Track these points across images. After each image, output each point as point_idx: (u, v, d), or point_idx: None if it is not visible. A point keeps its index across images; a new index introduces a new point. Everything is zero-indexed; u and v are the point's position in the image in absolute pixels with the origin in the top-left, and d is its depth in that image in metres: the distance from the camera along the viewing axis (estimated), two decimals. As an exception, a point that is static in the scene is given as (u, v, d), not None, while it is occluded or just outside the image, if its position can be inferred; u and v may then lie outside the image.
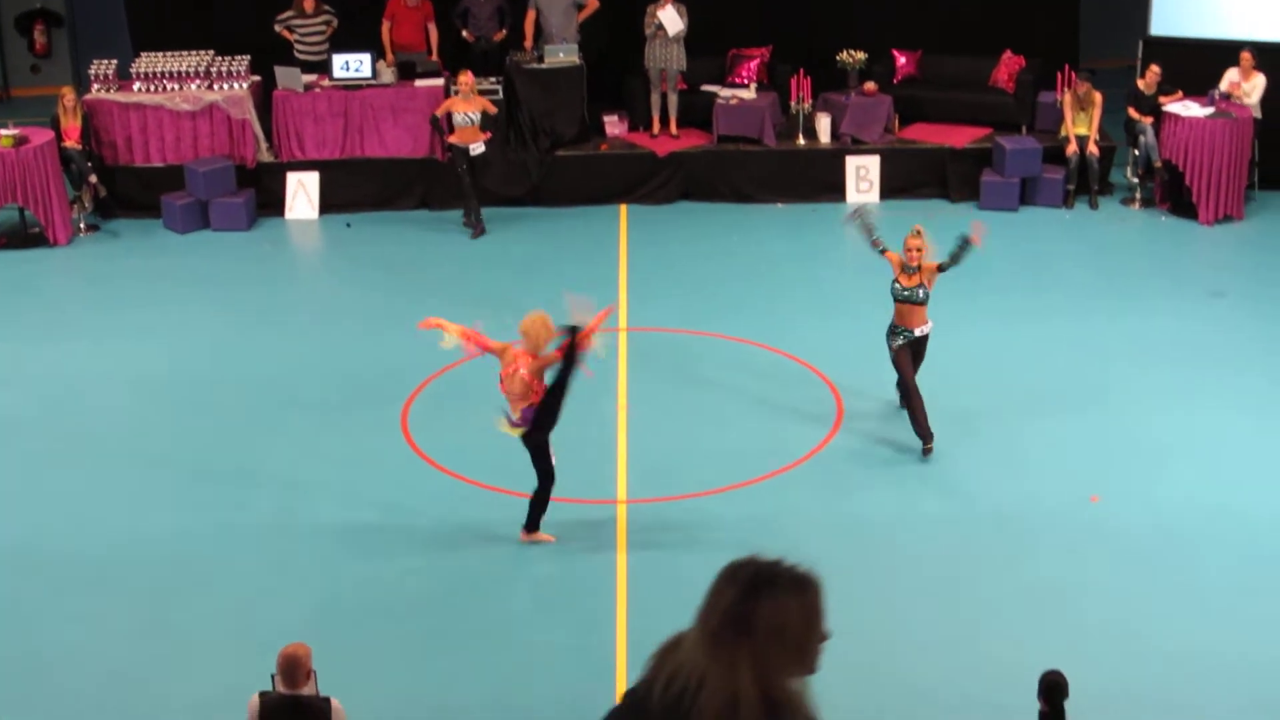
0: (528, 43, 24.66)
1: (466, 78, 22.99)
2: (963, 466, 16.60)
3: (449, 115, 23.09)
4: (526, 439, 14.77)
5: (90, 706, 13.30)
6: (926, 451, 16.52)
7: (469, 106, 22.92)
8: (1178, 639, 13.80)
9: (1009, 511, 15.54)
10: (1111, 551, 15.02)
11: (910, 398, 16.51)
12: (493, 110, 23.21)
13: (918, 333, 16.46)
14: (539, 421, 14.67)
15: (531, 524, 15.24)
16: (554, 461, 14.92)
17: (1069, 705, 11.00)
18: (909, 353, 16.45)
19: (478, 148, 22.97)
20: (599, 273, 21.84)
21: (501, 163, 23.91)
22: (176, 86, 24.12)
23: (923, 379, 16.61)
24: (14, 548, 15.57)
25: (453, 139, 23.01)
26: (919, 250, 16.18)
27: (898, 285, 16.35)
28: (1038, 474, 16.10)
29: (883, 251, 16.56)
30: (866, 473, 16.64)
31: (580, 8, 24.64)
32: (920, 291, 16.25)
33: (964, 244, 16.20)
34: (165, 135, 24.09)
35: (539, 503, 15.14)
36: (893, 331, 16.52)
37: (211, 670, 13.58)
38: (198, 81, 24.18)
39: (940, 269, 16.25)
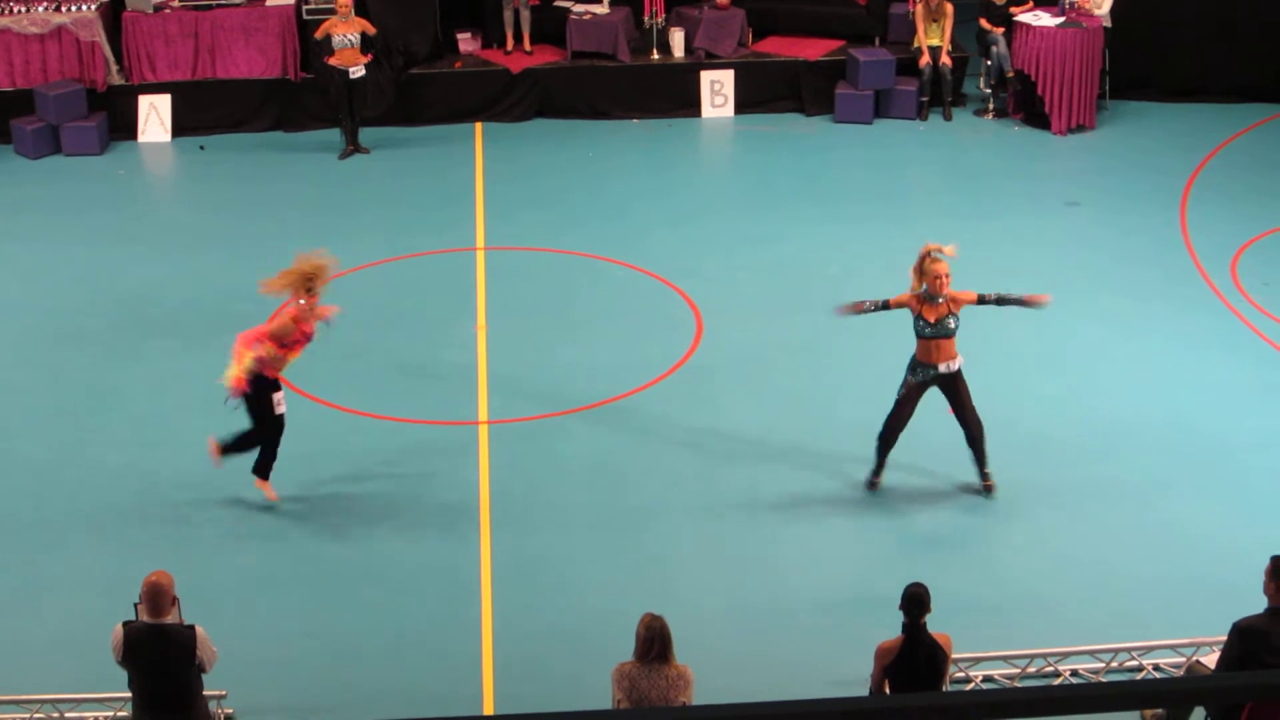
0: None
1: None
2: (823, 381, 16.77)
3: (328, 37, 22.65)
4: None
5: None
6: (872, 486, 15.02)
7: (348, 28, 22.52)
8: (1018, 548, 14.11)
9: (863, 420, 15.59)
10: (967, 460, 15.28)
11: (886, 439, 14.81)
12: (372, 31, 22.81)
13: (943, 369, 14.33)
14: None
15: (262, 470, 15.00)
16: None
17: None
18: (920, 395, 14.60)
19: (358, 71, 22.64)
20: (456, 191, 21.78)
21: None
22: (23, 9, 23.69)
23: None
24: None
25: (332, 61, 22.56)
26: (948, 276, 14.04)
27: (922, 322, 14.16)
28: (893, 385, 16.19)
29: (887, 304, 14.39)
30: (727, 388, 16.74)
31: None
32: (951, 322, 14.12)
33: (1024, 301, 14.43)
34: (13, 59, 23.67)
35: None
36: (913, 368, 14.46)
37: (72, 602, 13.53)
38: (45, 4, 23.78)
39: (981, 301, 14.31)
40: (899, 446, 14.85)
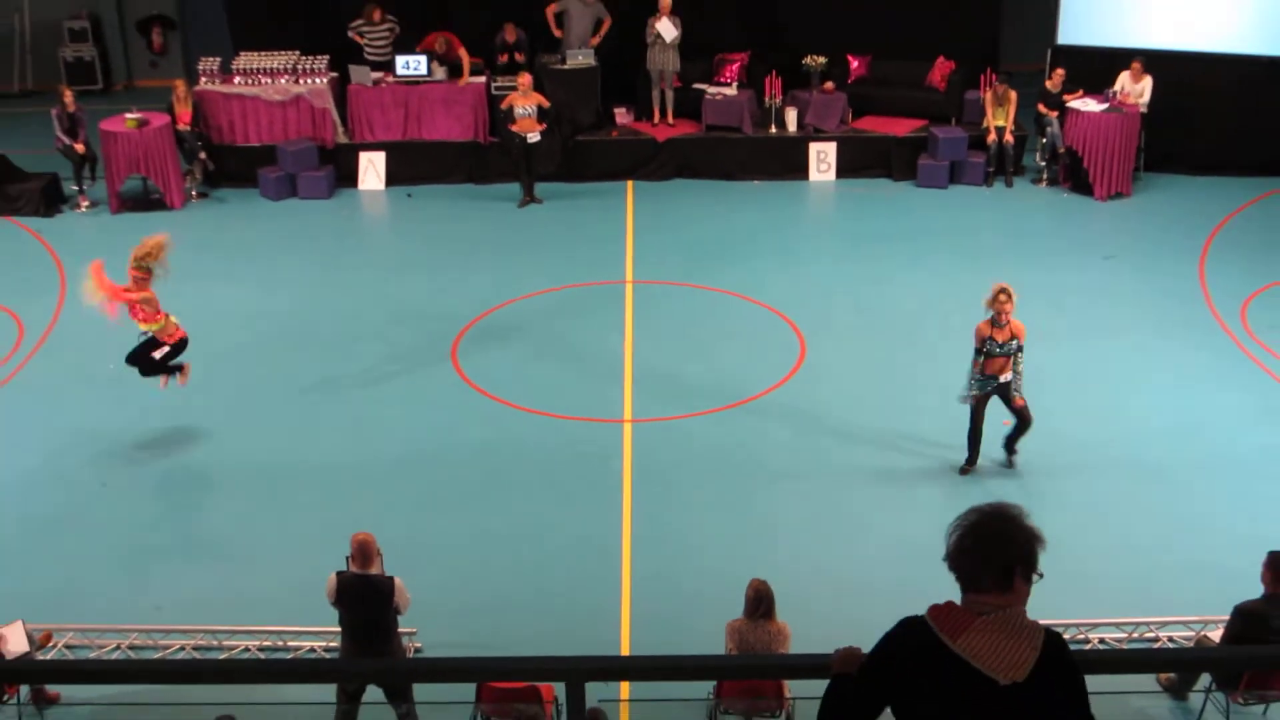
0: (557, 32, 24.62)
1: (525, 78, 22.93)
2: (906, 396, 16.65)
3: (511, 108, 22.98)
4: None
5: (217, 582, 13.52)
6: (964, 472, 15.08)
7: (527, 101, 22.82)
8: (1064, 533, 13.95)
9: (939, 429, 15.53)
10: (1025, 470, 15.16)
11: (973, 438, 14.92)
12: (547, 104, 23.06)
13: (1001, 379, 14.52)
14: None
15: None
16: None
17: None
18: (986, 402, 14.71)
19: (534, 136, 22.87)
20: (610, 235, 21.83)
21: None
22: (269, 80, 24.04)
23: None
24: (188, 461, 15.75)
25: (514, 128, 22.82)
26: (1009, 307, 14.27)
27: (994, 343, 14.35)
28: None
29: (980, 368, 14.54)
30: (826, 397, 16.68)
31: (599, 23, 24.59)
32: (1014, 343, 14.36)
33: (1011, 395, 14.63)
34: (260, 120, 24.06)
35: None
36: (977, 383, 14.60)
37: (301, 554, 13.73)
38: (286, 76, 24.10)
39: (1020, 349, 14.49)
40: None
